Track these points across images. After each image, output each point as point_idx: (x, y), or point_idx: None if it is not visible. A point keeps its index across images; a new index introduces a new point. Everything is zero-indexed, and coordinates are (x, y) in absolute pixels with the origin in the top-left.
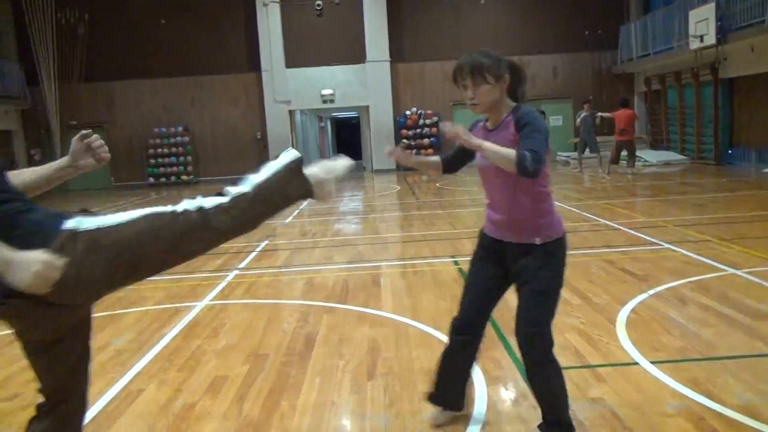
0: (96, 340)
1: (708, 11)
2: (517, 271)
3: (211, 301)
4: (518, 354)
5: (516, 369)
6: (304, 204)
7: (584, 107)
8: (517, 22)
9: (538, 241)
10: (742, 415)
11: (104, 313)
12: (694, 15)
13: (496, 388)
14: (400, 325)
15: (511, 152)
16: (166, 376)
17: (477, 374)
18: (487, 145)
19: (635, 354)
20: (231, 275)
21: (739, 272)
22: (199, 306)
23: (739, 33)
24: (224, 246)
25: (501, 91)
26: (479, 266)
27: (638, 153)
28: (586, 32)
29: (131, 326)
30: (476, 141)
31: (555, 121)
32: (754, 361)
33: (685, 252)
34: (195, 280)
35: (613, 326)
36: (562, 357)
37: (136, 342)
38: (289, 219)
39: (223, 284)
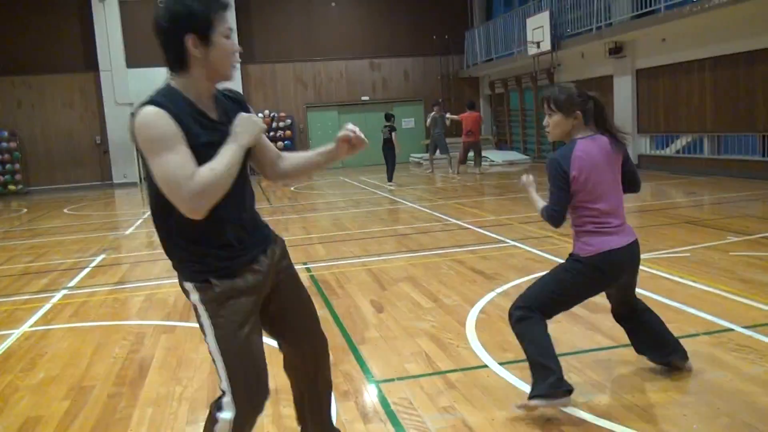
0: None
1: (543, 19)
2: None
3: (30, 327)
4: (370, 365)
5: (366, 382)
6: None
7: (434, 109)
8: (369, 26)
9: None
10: (587, 413)
11: None
12: (531, 22)
13: (346, 404)
14: None
15: (539, 207)
16: None
17: None
18: (531, 197)
19: (484, 356)
20: (58, 296)
21: None
22: (15, 334)
23: (570, 40)
24: (53, 262)
25: (572, 125)
26: None
27: (484, 153)
28: (434, 37)
29: None
30: (530, 194)
31: (407, 123)
32: (595, 355)
33: (528, 248)
34: (12, 304)
35: (463, 328)
36: (414, 364)
37: None
38: (131, 230)
39: (47, 306)
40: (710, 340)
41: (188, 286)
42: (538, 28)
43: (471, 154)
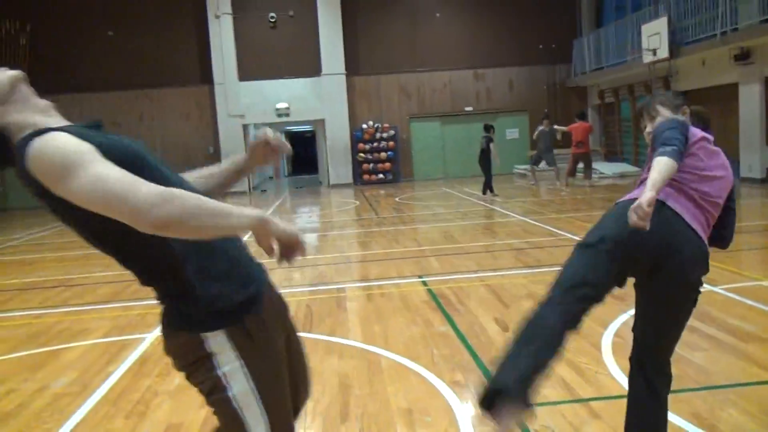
0: (32, 383)
1: (660, 25)
2: None
3: None
4: None
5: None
6: None
7: (543, 122)
8: (473, 36)
9: None
10: None
11: (42, 350)
12: (646, 29)
13: (483, 430)
14: (372, 355)
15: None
16: (111, 426)
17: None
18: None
19: (627, 383)
20: None
21: (716, 289)
22: (148, 338)
23: (690, 47)
24: None
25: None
26: None
27: (594, 165)
28: (540, 46)
29: (73, 364)
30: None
31: (511, 134)
32: (757, 389)
33: None
34: (143, 308)
35: (599, 352)
36: (551, 390)
37: (78, 383)
38: (246, 237)
39: None
40: None
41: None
42: (655, 35)
43: (580, 166)
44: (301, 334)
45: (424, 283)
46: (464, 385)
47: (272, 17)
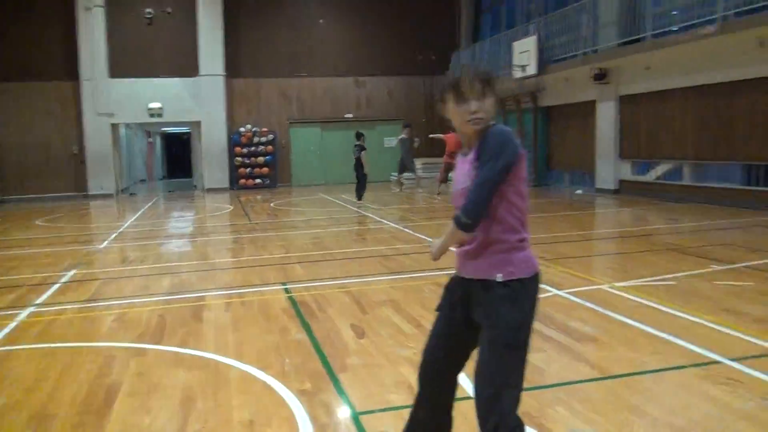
0: None
1: (530, 43)
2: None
3: None
4: (351, 395)
5: (346, 413)
6: (129, 223)
7: (404, 131)
8: (355, 44)
9: (500, 278)
10: None
11: None
12: (518, 46)
13: None
14: (222, 366)
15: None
16: None
17: (305, 423)
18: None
19: (470, 387)
20: (24, 313)
21: (560, 292)
22: None
23: (556, 65)
24: (22, 276)
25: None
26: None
27: None
28: (420, 57)
29: None
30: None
31: (389, 142)
32: (584, 387)
33: None
34: None
35: None
36: (396, 395)
37: None
38: (105, 243)
39: (12, 325)
40: (698, 372)
41: None
42: (525, 52)
43: (451, 174)
44: (148, 346)
45: (287, 291)
46: (312, 394)
47: (148, 13)
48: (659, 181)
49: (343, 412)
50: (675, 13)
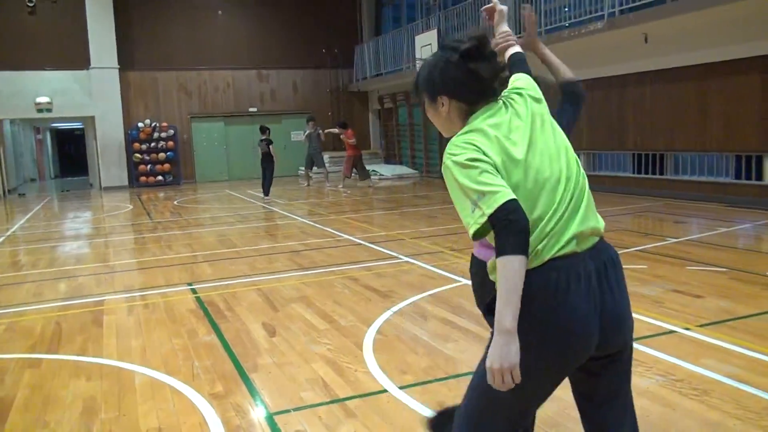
0: None
1: (431, 37)
2: None
3: None
4: (264, 395)
5: (260, 414)
6: (18, 225)
7: (309, 124)
8: (257, 36)
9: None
10: None
11: None
12: (419, 39)
13: None
14: (126, 373)
15: None
16: None
17: (216, 426)
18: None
19: (384, 380)
20: None
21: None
22: None
23: None
24: None
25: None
26: None
27: (375, 167)
28: (324, 50)
29: None
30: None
31: (296, 135)
32: None
33: (422, 264)
34: None
35: (361, 351)
36: (311, 393)
37: None
38: None
39: None
40: None
41: None
42: (427, 45)
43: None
44: (43, 356)
45: (194, 291)
46: (223, 396)
47: (30, 2)
48: None
49: (256, 413)
50: (566, 9)
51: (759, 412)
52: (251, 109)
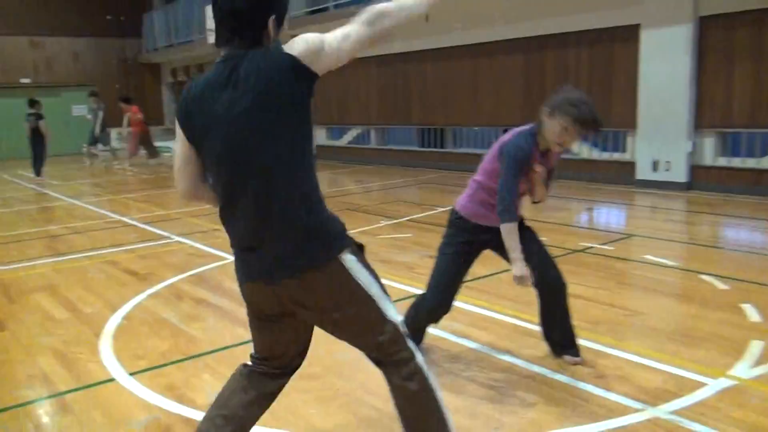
0: None
1: None
2: None
3: None
4: None
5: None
6: None
7: (91, 100)
8: None
9: None
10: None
11: None
12: (209, 11)
13: None
14: None
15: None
16: None
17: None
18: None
19: (115, 368)
20: None
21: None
22: None
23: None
24: None
25: None
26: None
27: (168, 143)
28: (108, 17)
29: None
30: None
31: (78, 110)
32: (234, 350)
33: (192, 243)
34: None
35: (98, 339)
36: (30, 390)
37: None
38: None
39: None
40: None
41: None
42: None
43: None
44: None
45: None
46: None
47: None
48: (350, 145)
49: None
50: None
51: (469, 363)
52: (23, 80)
